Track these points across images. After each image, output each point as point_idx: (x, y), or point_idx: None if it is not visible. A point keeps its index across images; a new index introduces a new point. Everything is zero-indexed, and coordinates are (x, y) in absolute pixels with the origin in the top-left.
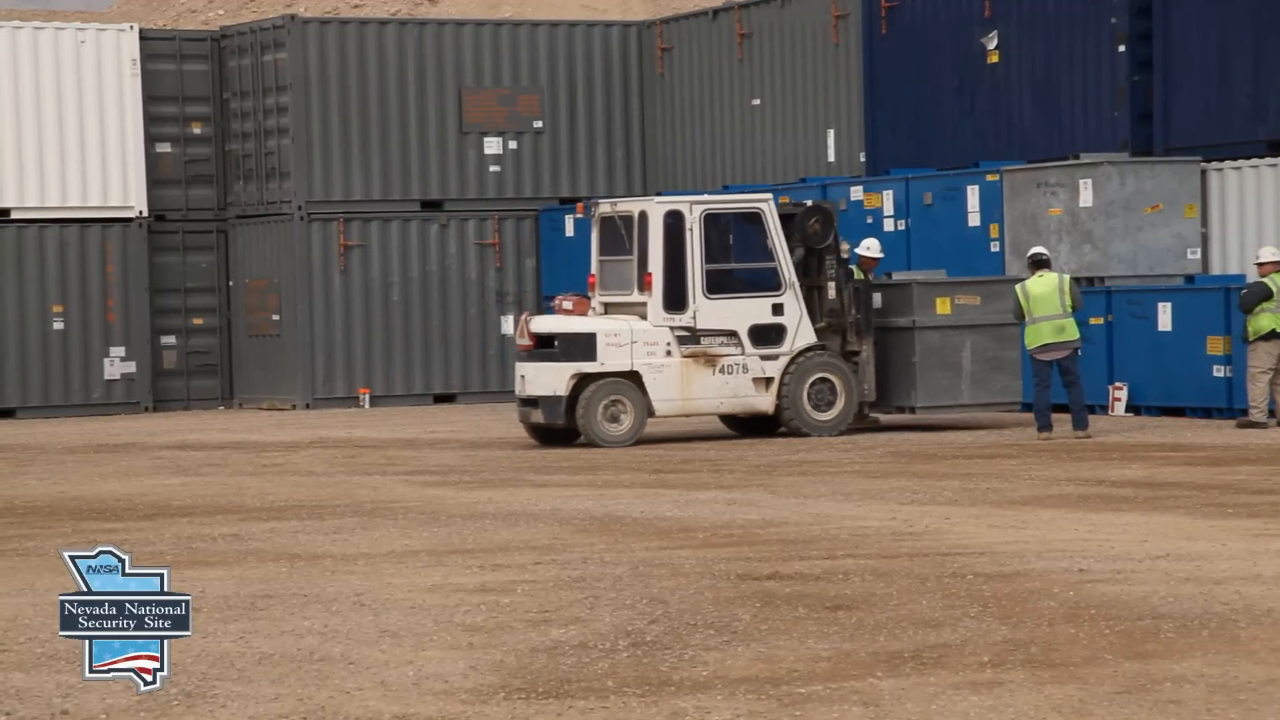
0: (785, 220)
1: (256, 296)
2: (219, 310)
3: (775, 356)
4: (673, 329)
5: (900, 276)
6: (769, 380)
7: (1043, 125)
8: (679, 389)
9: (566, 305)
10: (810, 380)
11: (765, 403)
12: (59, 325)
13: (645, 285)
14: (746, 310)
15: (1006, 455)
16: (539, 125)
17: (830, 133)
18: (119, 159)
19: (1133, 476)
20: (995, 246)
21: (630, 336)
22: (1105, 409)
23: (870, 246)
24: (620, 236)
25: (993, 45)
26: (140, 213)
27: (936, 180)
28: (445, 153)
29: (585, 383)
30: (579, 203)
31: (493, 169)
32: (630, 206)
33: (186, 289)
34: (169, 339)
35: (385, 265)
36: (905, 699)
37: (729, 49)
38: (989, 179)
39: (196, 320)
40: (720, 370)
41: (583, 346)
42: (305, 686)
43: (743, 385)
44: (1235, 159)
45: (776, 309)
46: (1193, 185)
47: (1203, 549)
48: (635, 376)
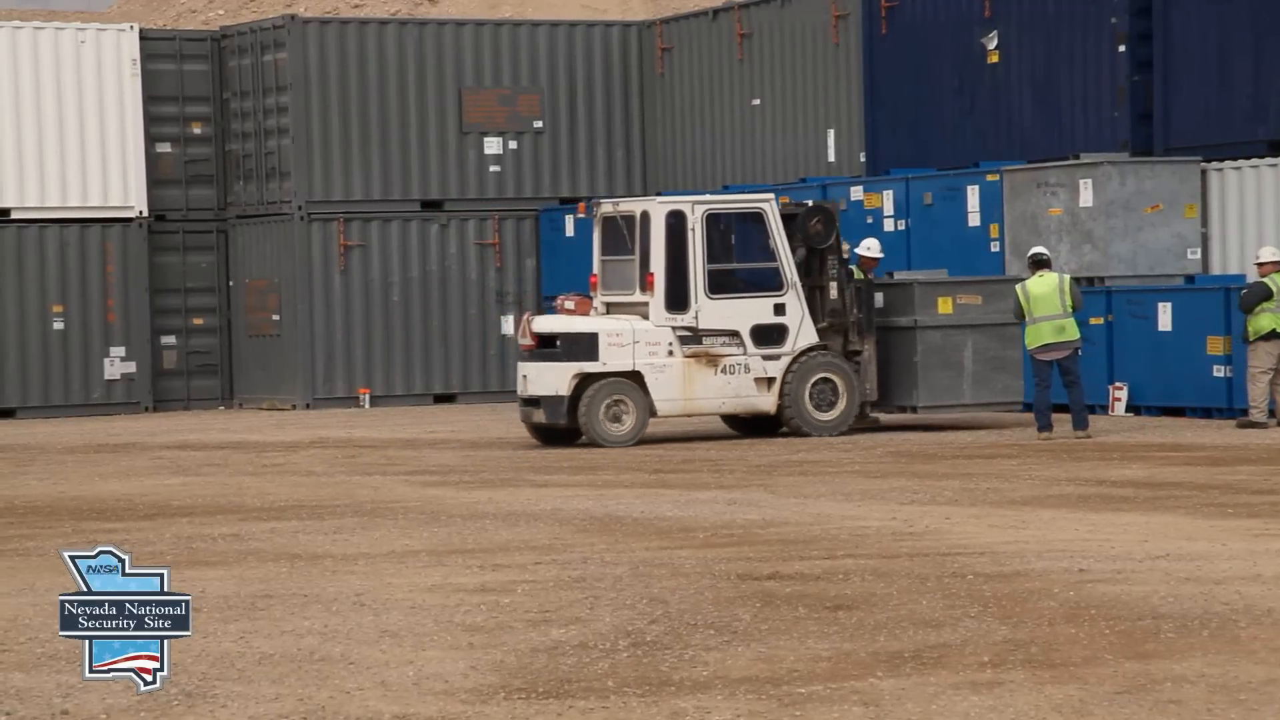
0: (787, 220)
1: (256, 296)
2: (219, 310)
3: (777, 356)
4: (675, 329)
5: (902, 276)
6: (771, 380)
7: (1043, 125)
8: (681, 389)
9: (569, 305)
10: (812, 380)
11: (767, 403)
12: (59, 325)
13: (647, 285)
14: (748, 310)
15: (1006, 455)
16: (539, 125)
17: (830, 133)
18: (119, 159)
19: (1133, 476)
20: (995, 246)
21: (632, 336)
22: (1105, 409)
23: (870, 246)
24: (622, 236)
25: (993, 45)
26: (140, 213)
27: (936, 180)
28: (445, 153)
29: (587, 382)
30: (580, 202)
31: (493, 169)
32: (632, 206)
33: (186, 289)
34: (169, 339)
35: (385, 265)
36: (905, 699)
37: (729, 49)
38: (989, 179)
39: (196, 320)
40: (722, 370)
41: (585, 346)
42: (305, 686)
43: (745, 385)
44: (1235, 159)
45: (778, 309)
46: (1193, 185)
47: (1203, 549)
48: (637, 376)
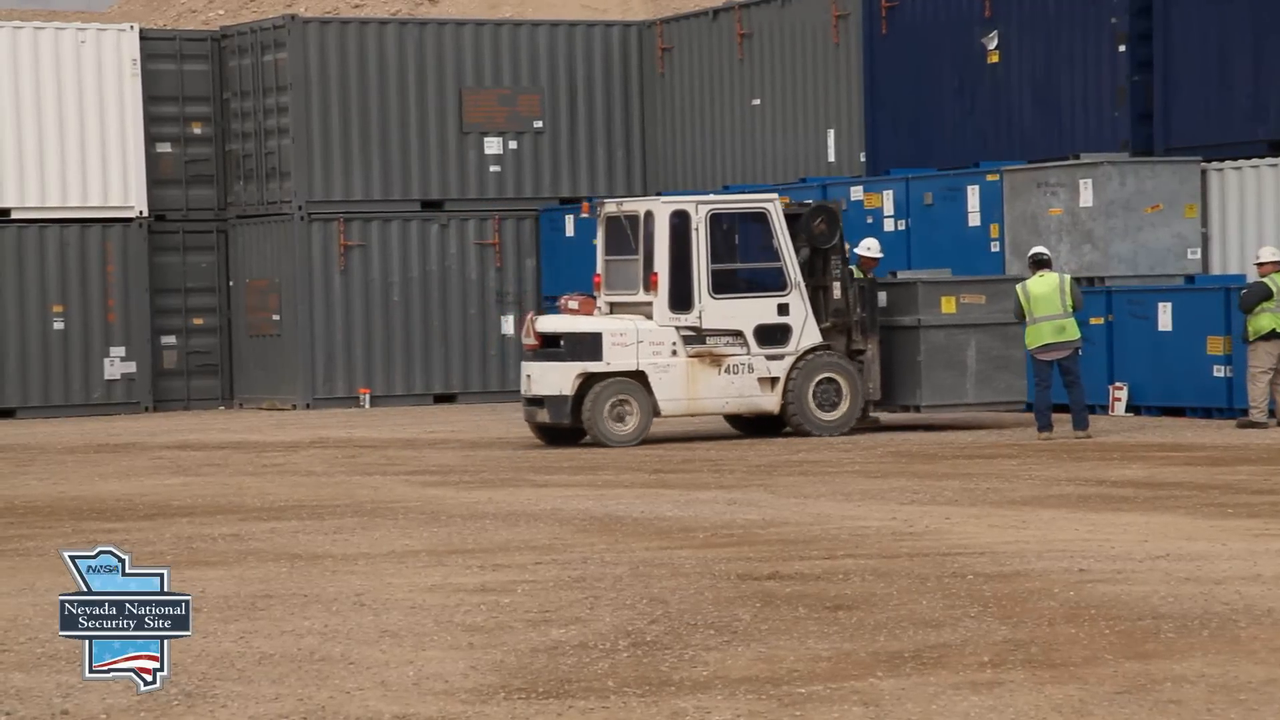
0: (790, 220)
1: (257, 296)
2: (219, 310)
3: (781, 356)
4: (678, 329)
5: (906, 276)
6: (774, 380)
7: (1043, 125)
8: (684, 389)
9: (572, 305)
10: (816, 380)
11: (770, 402)
12: (59, 325)
13: (651, 285)
14: (752, 310)
15: (1007, 455)
16: (539, 125)
17: (830, 133)
18: (119, 159)
19: (1133, 476)
20: (995, 246)
21: (636, 336)
22: (1105, 409)
23: (870, 247)
24: (626, 236)
25: (993, 45)
26: (140, 213)
27: (937, 180)
28: (445, 153)
29: (591, 382)
30: (583, 202)
31: (493, 169)
32: (636, 206)
33: (187, 289)
34: (169, 339)
35: (385, 265)
36: (905, 699)
37: (729, 49)
38: (989, 179)
39: (197, 320)
40: (726, 370)
41: (588, 346)
42: (305, 686)
43: (748, 385)
44: (1235, 159)
45: (782, 309)
46: (1193, 185)
47: (1203, 549)
48: (641, 376)
